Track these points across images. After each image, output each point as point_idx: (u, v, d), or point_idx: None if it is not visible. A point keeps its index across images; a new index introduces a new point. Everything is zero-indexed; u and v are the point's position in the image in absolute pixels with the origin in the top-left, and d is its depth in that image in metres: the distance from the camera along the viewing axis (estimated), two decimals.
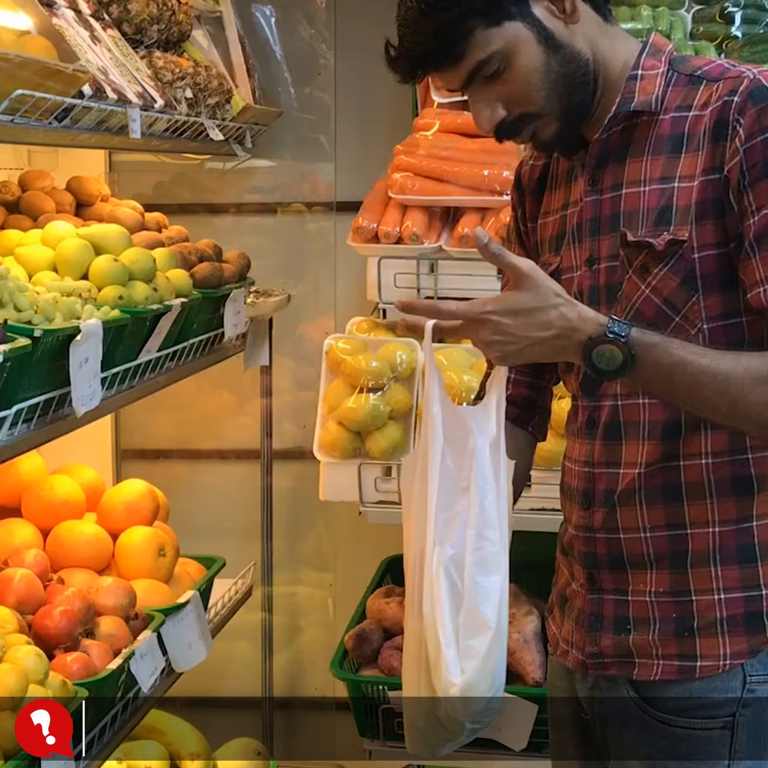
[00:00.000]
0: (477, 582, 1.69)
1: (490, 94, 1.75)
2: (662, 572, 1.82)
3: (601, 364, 1.65)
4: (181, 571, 2.92)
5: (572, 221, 1.86)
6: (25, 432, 2.02)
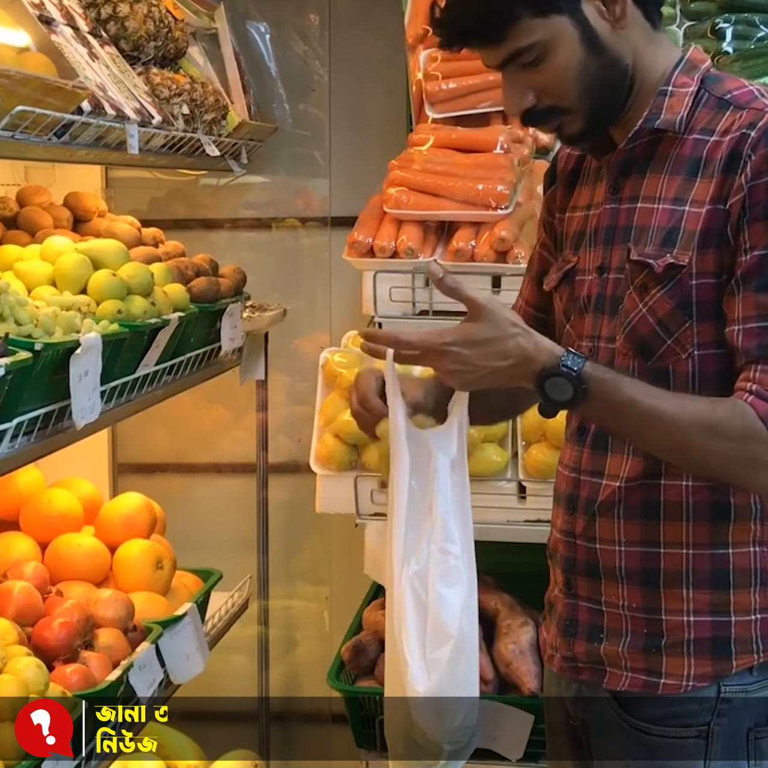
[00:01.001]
0: (440, 594, 1.73)
1: (524, 80, 1.76)
2: (633, 587, 1.84)
3: (553, 394, 1.69)
4: (179, 584, 2.93)
5: (592, 224, 1.88)
6: (26, 444, 2.04)
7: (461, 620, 1.73)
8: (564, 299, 1.93)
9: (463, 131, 3.06)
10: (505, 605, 2.90)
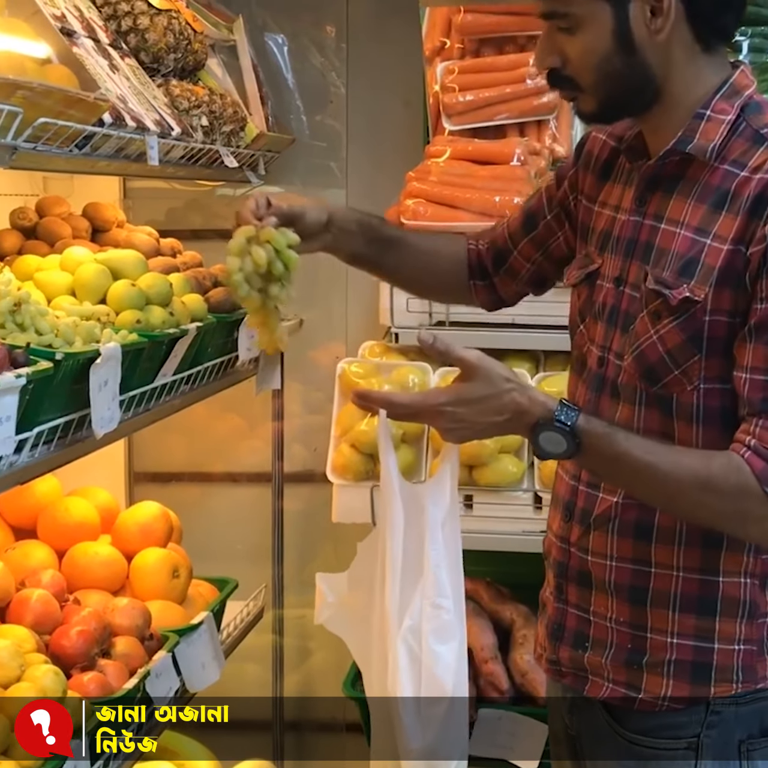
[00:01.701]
0: (434, 651, 1.75)
1: (556, 41, 1.78)
2: (622, 602, 1.85)
3: (547, 447, 1.72)
4: (195, 593, 2.94)
5: (617, 229, 1.88)
6: (46, 453, 2.04)
7: (456, 677, 1.74)
8: (582, 299, 1.94)
9: (480, 143, 3.09)
10: (520, 615, 2.91)
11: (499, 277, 2.17)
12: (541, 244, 2.10)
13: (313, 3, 3.71)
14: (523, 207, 2.15)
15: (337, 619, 1.92)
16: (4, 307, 2.05)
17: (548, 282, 2.18)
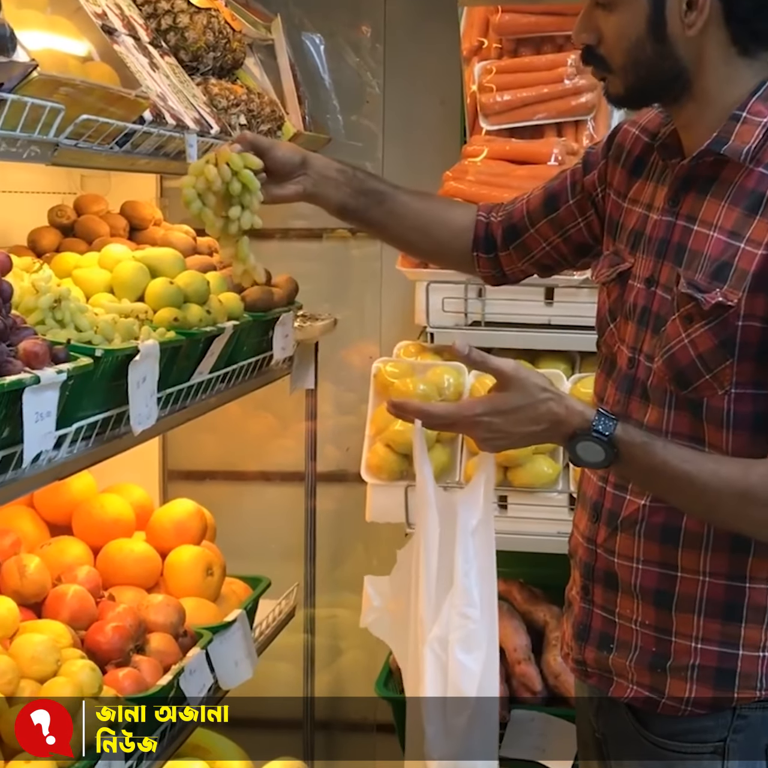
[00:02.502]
0: (459, 660, 1.74)
1: (594, 17, 1.79)
2: (647, 605, 1.84)
3: (585, 456, 1.72)
4: (228, 591, 2.94)
5: (649, 228, 1.86)
6: (84, 449, 2.05)
7: (481, 686, 1.74)
8: (612, 297, 1.92)
9: (518, 143, 3.09)
10: (553, 617, 2.90)
11: (507, 252, 2.14)
12: (560, 227, 2.08)
13: (351, 3, 3.74)
14: (546, 186, 2.11)
15: (381, 623, 1.93)
16: (45, 304, 2.06)
17: (558, 266, 2.16)
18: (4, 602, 2.26)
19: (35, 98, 1.80)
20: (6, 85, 1.73)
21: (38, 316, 2.05)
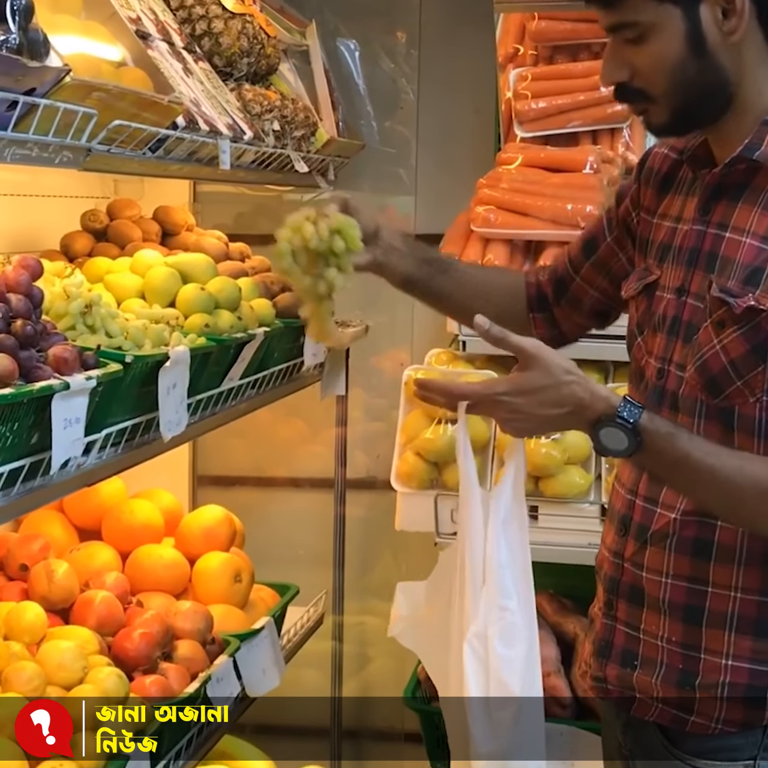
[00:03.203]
0: (500, 654, 1.71)
1: (624, 55, 1.74)
2: (675, 621, 1.80)
3: (608, 443, 1.68)
4: (256, 598, 2.93)
5: (678, 240, 1.84)
6: (113, 455, 2.05)
7: (524, 680, 1.70)
8: (640, 311, 1.90)
9: (553, 151, 3.06)
10: (583, 629, 2.87)
11: (560, 307, 2.13)
12: (602, 266, 2.07)
13: (386, 9, 3.72)
14: (583, 233, 2.12)
15: (410, 633, 1.90)
16: (75, 309, 2.06)
17: (611, 312, 2.13)
18: (32, 608, 2.27)
19: (68, 103, 1.79)
20: (39, 90, 1.72)
21: (69, 322, 2.05)
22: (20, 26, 1.64)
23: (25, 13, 1.66)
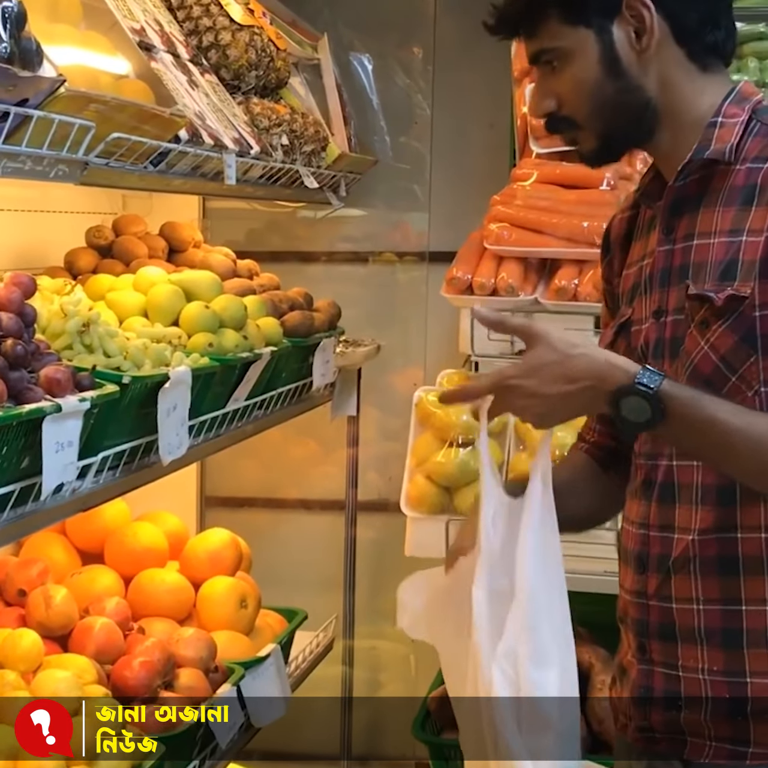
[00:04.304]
0: (532, 678, 1.60)
1: (549, 84, 1.75)
2: (714, 649, 1.72)
3: (630, 415, 1.59)
4: (263, 623, 2.89)
5: (646, 272, 1.81)
6: (111, 479, 2.01)
7: (561, 707, 1.61)
8: (621, 352, 1.81)
9: (568, 167, 2.99)
10: (599, 659, 2.79)
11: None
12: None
13: (400, 24, 3.70)
14: (605, 332, 2.00)
15: (421, 625, 1.80)
16: (72, 328, 2.00)
17: None
18: (28, 635, 2.22)
19: (63, 115, 1.73)
20: (32, 101, 1.67)
21: (66, 341, 2.00)
22: (11, 34, 1.59)
23: (17, 21, 1.60)
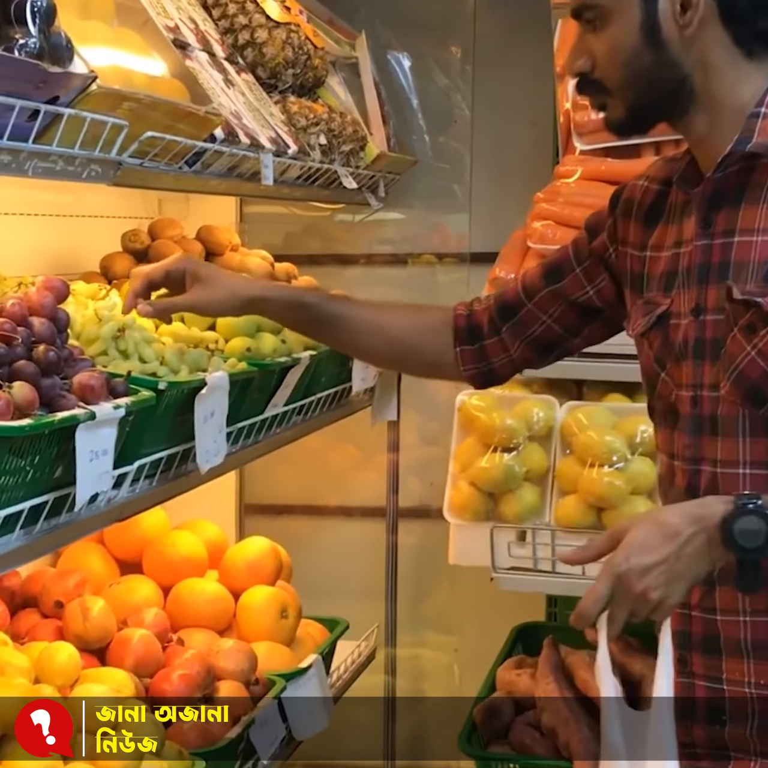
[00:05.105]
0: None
1: (587, 43, 1.71)
2: (761, 662, 1.66)
3: (747, 542, 1.51)
4: (303, 634, 2.84)
5: (683, 263, 1.75)
6: (147, 488, 1.96)
7: None
8: (656, 345, 1.78)
9: (613, 163, 2.92)
10: (651, 669, 2.69)
11: (496, 338, 2.02)
12: (563, 296, 1.96)
13: (438, 21, 3.63)
14: (543, 263, 2.02)
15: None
16: (107, 333, 1.95)
17: (558, 344, 2.01)
18: (65, 649, 2.17)
19: (95, 113, 1.68)
20: (62, 99, 1.62)
21: (100, 347, 1.95)
22: (41, 29, 1.54)
23: (47, 15, 1.55)
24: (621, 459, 2.60)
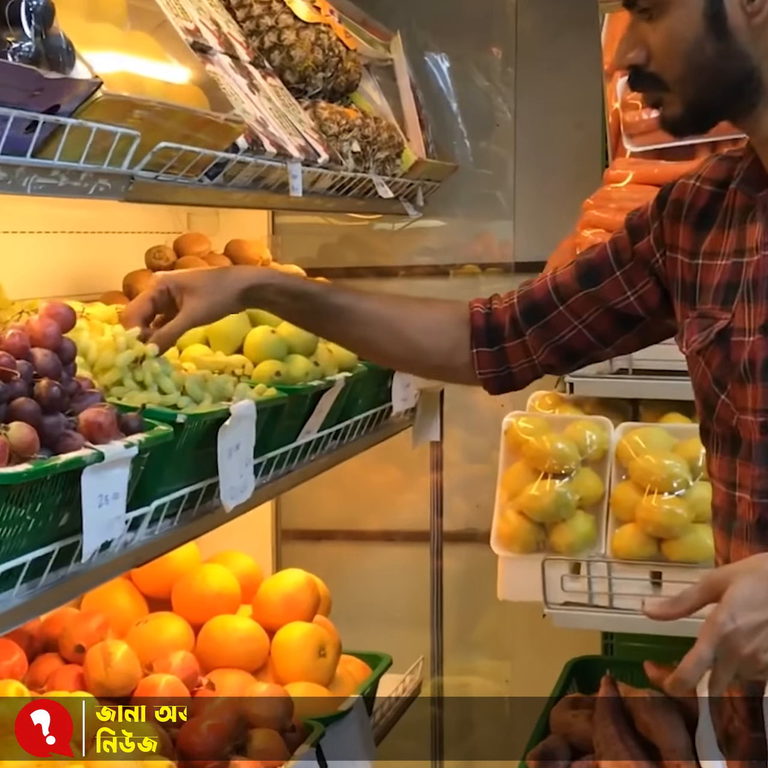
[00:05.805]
0: None
1: (638, 33, 1.61)
2: None
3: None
4: (343, 672, 2.71)
5: (747, 273, 1.62)
6: (168, 528, 1.81)
7: None
8: (715, 364, 1.65)
9: (667, 165, 2.78)
10: None
11: (519, 341, 1.87)
12: (600, 300, 1.81)
13: (478, 21, 3.57)
14: (578, 260, 1.87)
15: None
16: (123, 362, 1.79)
17: (586, 353, 1.87)
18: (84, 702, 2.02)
19: (102, 123, 1.53)
20: (64, 108, 1.47)
21: (115, 376, 1.79)
22: (37, 31, 1.39)
23: (44, 16, 1.41)
24: (682, 485, 2.45)
